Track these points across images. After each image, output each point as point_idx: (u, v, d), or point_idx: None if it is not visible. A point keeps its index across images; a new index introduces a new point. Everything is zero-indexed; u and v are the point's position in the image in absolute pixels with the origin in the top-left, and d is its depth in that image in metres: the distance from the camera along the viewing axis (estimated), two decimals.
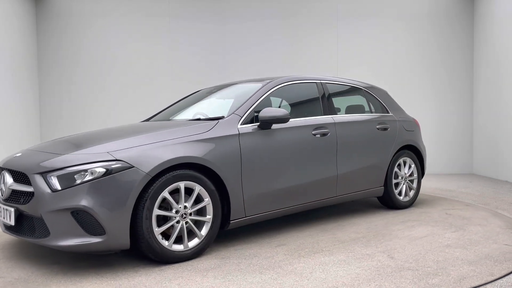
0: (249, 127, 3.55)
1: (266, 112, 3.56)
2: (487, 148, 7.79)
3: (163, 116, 4.43)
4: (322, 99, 4.28)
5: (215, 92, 4.47)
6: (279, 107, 4.46)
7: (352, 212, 4.71)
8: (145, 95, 7.94)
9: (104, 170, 2.80)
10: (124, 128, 3.68)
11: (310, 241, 3.57)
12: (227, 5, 8.10)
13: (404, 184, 4.90)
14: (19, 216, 3.00)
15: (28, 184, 2.91)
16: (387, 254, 3.15)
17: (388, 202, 4.81)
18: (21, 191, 2.96)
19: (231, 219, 3.37)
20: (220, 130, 3.38)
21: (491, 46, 7.64)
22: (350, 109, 4.74)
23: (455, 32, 8.29)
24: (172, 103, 4.94)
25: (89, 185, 2.76)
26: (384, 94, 5.12)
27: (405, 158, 4.92)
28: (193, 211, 3.13)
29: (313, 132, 3.97)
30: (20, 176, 3.02)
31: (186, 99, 4.73)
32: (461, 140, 8.38)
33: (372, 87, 5.02)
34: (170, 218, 3.03)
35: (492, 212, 4.61)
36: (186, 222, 3.09)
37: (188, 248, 3.09)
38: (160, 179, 2.95)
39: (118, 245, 2.82)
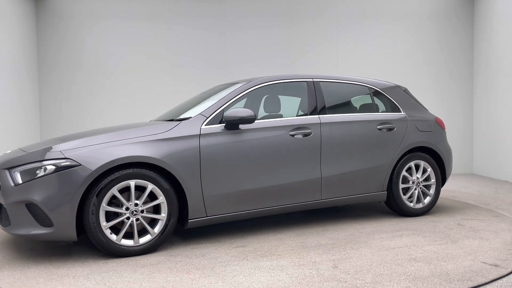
0: (216, 127, 3.57)
1: (230, 113, 3.55)
2: (487, 148, 7.68)
3: (167, 116, 4.59)
4: (309, 99, 4.12)
5: (221, 90, 4.47)
6: (298, 107, 4.39)
7: (350, 216, 4.45)
8: (145, 96, 7.96)
9: (54, 167, 3.05)
10: (104, 128, 3.92)
11: (272, 244, 3.47)
12: (227, 5, 8.04)
13: (416, 189, 4.49)
14: None
15: None
16: (334, 264, 2.95)
17: (395, 208, 4.45)
18: None
19: (189, 218, 3.43)
20: (180, 131, 3.46)
21: (491, 45, 7.48)
22: (360, 109, 4.48)
23: (455, 31, 8.12)
24: (185, 101, 5.06)
25: (40, 181, 3.03)
26: (398, 92, 4.71)
27: (417, 161, 4.50)
28: (146, 209, 3.25)
29: (291, 133, 3.84)
30: None
31: (193, 97, 4.84)
32: (461, 140, 8.21)
33: (384, 86, 4.65)
34: (120, 215, 3.19)
35: None
36: (137, 219, 3.23)
37: (138, 244, 3.23)
38: (108, 177, 3.13)
39: (65, 236, 3.06)
